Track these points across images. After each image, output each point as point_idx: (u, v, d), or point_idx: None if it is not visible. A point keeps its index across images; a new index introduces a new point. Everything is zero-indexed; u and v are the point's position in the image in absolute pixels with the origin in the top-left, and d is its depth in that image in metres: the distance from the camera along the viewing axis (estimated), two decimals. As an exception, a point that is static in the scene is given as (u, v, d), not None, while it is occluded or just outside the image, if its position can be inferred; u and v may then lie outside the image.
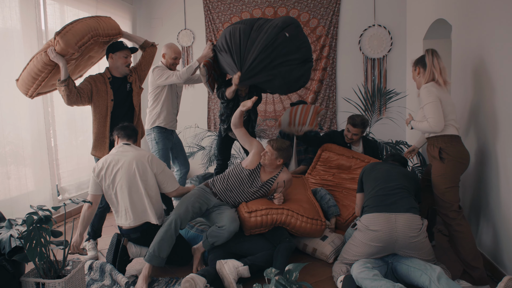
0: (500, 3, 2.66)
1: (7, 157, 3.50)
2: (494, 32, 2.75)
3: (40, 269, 2.39)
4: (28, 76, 3.06)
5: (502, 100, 2.70)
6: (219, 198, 3.12)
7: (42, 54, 2.96)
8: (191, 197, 2.99)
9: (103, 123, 3.26)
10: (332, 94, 5.63)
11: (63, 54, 2.96)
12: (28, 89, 3.15)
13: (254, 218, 2.94)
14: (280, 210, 3.01)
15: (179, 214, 2.85)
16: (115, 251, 2.93)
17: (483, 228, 3.07)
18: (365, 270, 2.42)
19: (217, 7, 5.75)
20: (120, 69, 3.32)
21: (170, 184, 3.03)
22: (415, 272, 2.46)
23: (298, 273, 1.70)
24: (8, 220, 2.32)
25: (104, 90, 3.26)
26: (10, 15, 3.49)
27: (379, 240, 2.53)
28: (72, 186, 4.29)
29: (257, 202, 3.09)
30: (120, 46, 3.32)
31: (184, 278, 2.41)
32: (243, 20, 3.53)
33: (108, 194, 2.93)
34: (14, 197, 3.52)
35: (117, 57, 3.29)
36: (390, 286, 2.26)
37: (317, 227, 3.08)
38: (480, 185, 3.07)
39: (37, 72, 3.01)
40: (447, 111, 2.75)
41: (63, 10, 4.19)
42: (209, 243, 2.89)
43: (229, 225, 2.86)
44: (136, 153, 2.93)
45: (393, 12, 5.38)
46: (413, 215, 2.56)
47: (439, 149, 2.75)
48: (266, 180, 3.14)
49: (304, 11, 5.57)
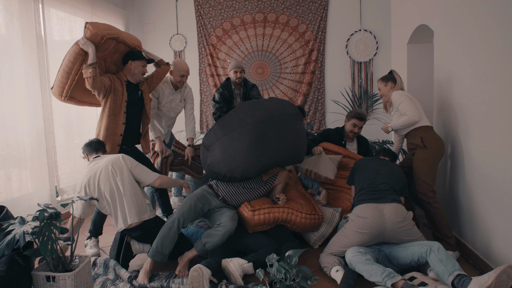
0: (478, 11, 2.89)
1: (8, 160, 3.59)
2: (472, 38, 2.98)
3: (50, 264, 2.52)
4: (62, 73, 3.28)
5: (471, 101, 3.03)
6: (222, 199, 3.23)
7: (73, 46, 3.19)
8: (194, 198, 3.13)
9: (114, 120, 3.40)
10: (320, 96, 5.84)
11: (92, 40, 3.17)
12: (62, 89, 3.33)
13: (258, 216, 3.09)
14: (281, 208, 3.17)
15: (182, 212, 2.98)
16: (119, 247, 3.06)
17: (451, 210, 3.51)
18: (359, 255, 2.61)
19: (208, 12, 5.91)
20: (136, 76, 3.50)
21: (148, 175, 3.08)
22: (413, 247, 2.63)
23: (297, 258, 1.87)
24: (20, 217, 2.43)
25: (120, 90, 3.41)
26: (11, 21, 3.59)
27: (369, 227, 2.73)
28: (70, 187, 4.39)
29: (260, 201, 3.25)
30: (140, 55, 3.52)
31: (192, 267, 2.55)
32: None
33: (102, 207, 3.03)
34: (15, 198, 3.62)
35: (136, 65, 3.47)
36: (381, 269, 2.45)
37: (315, 221, 3.28)
38: (451, 173, 3.49)
39: (69, 64, 3.22)
40: (416, 108, 3.35)
41: (60, 16, 4.30)
42: (202, 243, 2.93)
43: (227, 223, 2.95)
44: (108, 158, 3.04)
45: (378, 18, 5.63)
46: (398, 204, 2.79)
47: (421, 137, 3.28)
48: (267, 179, 3.35)
49: (293, 17, 5.78)
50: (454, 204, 3.44)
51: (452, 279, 2.33)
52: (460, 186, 3.30)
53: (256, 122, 3.23)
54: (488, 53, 2.74)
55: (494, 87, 2.68)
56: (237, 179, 3.24)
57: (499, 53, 2.59)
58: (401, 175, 3.10)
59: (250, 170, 3.19)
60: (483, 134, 2.87)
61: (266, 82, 5.95)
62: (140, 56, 3.51)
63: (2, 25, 3.51)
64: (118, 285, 2.79)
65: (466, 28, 3.08)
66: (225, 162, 3.20)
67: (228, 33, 5.93)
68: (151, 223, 3.07)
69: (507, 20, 2.49)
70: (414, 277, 2.48)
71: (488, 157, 2.82)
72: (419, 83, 4.73)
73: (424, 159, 3.24)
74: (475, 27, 2.93)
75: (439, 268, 2.42)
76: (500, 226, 2.70)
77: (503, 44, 2.54)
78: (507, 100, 2.52)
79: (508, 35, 2.49)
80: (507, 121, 2.53)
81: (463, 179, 3.22)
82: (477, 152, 2.98)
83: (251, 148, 3.17)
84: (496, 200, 2.72)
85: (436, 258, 2.45)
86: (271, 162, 3.24)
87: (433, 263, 2.46)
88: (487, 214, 2.87)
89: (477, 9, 2.88)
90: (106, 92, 3.34)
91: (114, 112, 3.40)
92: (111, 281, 2.85)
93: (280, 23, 5.82)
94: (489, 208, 2.84)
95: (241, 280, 2.69)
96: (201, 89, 6.06)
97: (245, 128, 3.21)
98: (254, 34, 5.89)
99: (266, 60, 5.92)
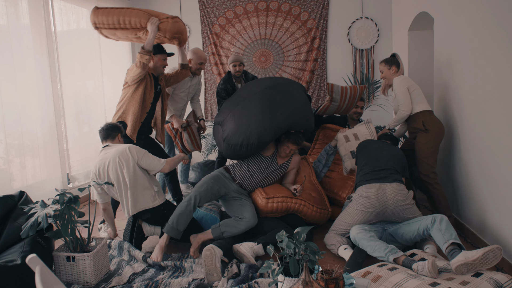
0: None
1: (22, 148, 3.72)
2: (471, 25, 3.08)
3: (70, 245, 2.67)
4: (115, 18, 3.40)
5: (469, 86, 3.14)
6: (239, 184, 3.36)
7: (140, 14, 3.38)
8: (211, 178, 3.28)
9: (142, 108, 3.58)
10: (323, 83, 5.93)
11: (161, 29, 3.41)
12: (103, 23, 3.47)
13: (271, 204, 3.23)
14: (294, 199, 3.31)
15: (199, 192, 3.14)
16: (131, 230, 3.21)
17: (450, 191, 3.69)
18: (363, 232, 2.75)
19: (211, 2, 5.98)
20: (158, 69, 3.73)
21: (156, 164, 3.21)
22: (418, 222, 2.77)
23: (305, 234, 2.00)
24: (41, 201, 2.57)
25: (149, 82, 3.61)
26: (22, 13, 3.69)
27: (372, 205, 2.87)
28: (80, 174, 4.53)
29: (274, 189, 3.38)
30: (162, 49, 3.72)
31: (205, 247, 2.69)
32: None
33: (112, 194, 3.21)
34: (30, 184, 3.76)
35: (158, 59, 3.69)
36: (384, 245, 2.59)
37: (324, 216, 3.46)
38: (449, 155, 3.66)
39: (125, 22, 3.40)
40: (416, 93, 3.54)
41: (67, 8, 4.39)
42: (221, 231, 3.07)
43: (250, 219, 3.09)
44: (116, 149, 3.16)
45: (379, 5, 5.69)
46: (400, 184, 2.94)
47: (422, 122, 3.40)
48: (282, 163, 3.49)
49: (296, 5, 5.85)
50: (452, 185, 3.59)
51: (446, 247, 2.47)
52: (457, 168, 3.44)
53: (264, 88, 3.48)
54: (486, 40, 2.84)
55: (491, 72, 2.79)
56: (254, 146, 3.36)
57: (497, 39, 2.70)
58: (402, 156, 3.23)
59: (265, 134, 3.33)
60: (479, 117, 2.99)
61: (269, 70, 6.04)
62: (162, 50, 3.70)
63: (14, 18, 3.61)
64: (133, 266, 2.94)
65: (465, 15, 3.17)
66: (240, 131, 3.36)
67: (231, 22, 6.01)
68: (160, 206, 3.21)
69: (504, 8, 2.59)
70: (414, 253, 2.62)
71: (483, 140, 2.95)
72: (420, 69, 4.83)
73: (426, 142, 3.41)
74: (474, 14, 3.02)
75: (438, 237, 2.56)
76: (493, 203, 2.86)
77: (500, 31, 2.64)
78: (503, 86, 2.63)
79: (504, 22, 2.59)
80: (501, 106, 2.65)
81: (460, 160, 3.37)
82: (472, 134, 3.12)
83: (263, 111, 3.35)
84: (491, 180, 2.87)
85: (437, 228, 2.59)
86: (284, 124, 3.39)
87: (433, 233, 2.61)
88: (482, 193, 3.02)
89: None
90: (141, 80, 3.52)
91: (144, 101, 3.58)
92: (126, 262, 3.00)
93: (283, 11, 5.89)
94: (484, 187, 2.98)
95: (254, 260, 2.84)
96: (205, 78, 6.16)
97: (254, 95, 3.45)
98: (257, 23, 5.97)
99: (269, 48, 6.00)
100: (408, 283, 2.15)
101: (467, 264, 2.27)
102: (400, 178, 3.04)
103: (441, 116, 3.74)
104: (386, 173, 3.00)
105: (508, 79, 2.56)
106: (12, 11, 3.59)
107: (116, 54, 5.40)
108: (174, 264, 2.86)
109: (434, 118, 3.49)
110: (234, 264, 2.79)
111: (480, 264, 2.27)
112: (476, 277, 2.18)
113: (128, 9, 3.42)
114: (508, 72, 2.56)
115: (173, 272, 2.82)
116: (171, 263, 2.87)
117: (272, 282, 1.88)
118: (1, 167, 3.50)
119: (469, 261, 2.27)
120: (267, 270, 1.95)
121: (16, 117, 3.63)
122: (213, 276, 2.61)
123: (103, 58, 5.01)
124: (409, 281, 2.17)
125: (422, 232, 2.71)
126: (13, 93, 3.59)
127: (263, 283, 2.44)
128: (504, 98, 2.63)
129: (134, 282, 2.70)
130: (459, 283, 2.11)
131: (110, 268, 2.90)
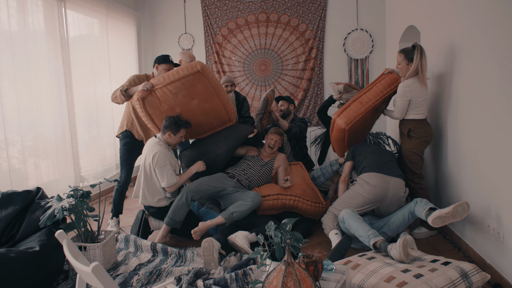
0: (459, 13, 3.26)
1: (36, 150, 4.00)
2: (453, 38, 3.35)
3: (82, 236, 2.95)
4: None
5: (456, 95, 3.34)
6: (237, 180, 3.70)
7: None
8: (206, 177, 3.61)
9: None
10: (320, 91, 6.22)
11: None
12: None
13: (267, 202, 3.53)
14: (288, 196, 3.61)
15: (189, 188, 3.45)
16: (139, 225, 3.51)
17: (436, 192, 3.85)
18: (352, 213, 3.09)
19: (214, 13, 6.30)
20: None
21: (165, 180, 3.46)
22: (401, 210, 3.17)
23: (291, 225, 2.26)
24: (57, 195, 2.86)
25: None
26: (37, 21, 3.96)
27: (374, 194, 3.22)
28: (90, 175, 4.81)
29: (269, 188, 3.68)
30: (166, 59, 3.84)
31: (204, 239, 2.96)
32: None
33: (139, 175, 3.60)
34: (44, 183, 4.04)
35: (162, 68, 3.81)
36: (368, 227, 2.90)
37: (319, 209, 3.73)
38: (437, 156, 3.82)
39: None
40: (418, 104, 3.45)
41: (80, 18, 4.70)
42: (230, 212, 3.31)
43: (255, 197, 3.39)
44: (149, 147, 3.53)
45: (374, 18, 6.00)
46: (402, 181, 3.29)
47: (409, 129, 3.52)
48: (268, 160, 3.92)
49: (294, 17, 6.16)
50: (437, 187, 3.82)
51: (425, 212, 2.90)
52: (443, 170, 3.67)
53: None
54: (469, 53, 3.06)
55: (473, 82, 2.99)
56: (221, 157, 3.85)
57: (479, 52, 2.89)
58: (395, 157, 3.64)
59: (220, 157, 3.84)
60: (466, 124, 3.20)
61: (269, 78, 6.34)
62: (166, 60, 3.83)
63: (30, 26, 3.88)
64: (140, 257, 3.21)
65: (449, 28, 3.43)
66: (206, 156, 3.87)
67: (233, 32, 6.32)
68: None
69: (485, 22, 2.86)
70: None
71: (469, 146, 3.15)
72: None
73: (409, 149, 3.52)
74: (457, 27, 3.27)
75: (419, 210, 2.98)
76: (472, 204, 3.07)
77: (481, 44, 2.87)
78: (487, 94, 2.78)
79: (484, 36, 2.85)
80: (486, 115, 2.82)
81: (446, 164, 3.55)
82: (461, 142, 3.26)
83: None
84: (471, 183, 3.09)
85: (419, 206, 3.01)
86: (230, 147, 3.84)
87: (417, 210, 3.01)
88: (462, 195, 3.25)
89: (459, 10, 3.20)
90: None
91: None
92: (133, 253, 3.28)
93: (282, 22, 6.20)
94: (464, 189, 3.21)
95: (250, 250, 3.12)
96: (208, 85, 6.46)
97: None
98: (257, 33, 6.28)
99: (268, 58, 6.31)
100: (383, 270, 2.41)
101: (442, 217, 2.73)
102: (403, 174, 3.35)
103: (431, 122, 3.86)
104: (391, 165, 3.34)
105: (492, 87, 2.70)
106: (29, 19, 3.85)
107: (124, 61, 5.72)
108: (178, 251, 3.15)
109: (423, 127, 3.49)
110: (233, 256, 3.06)
111: (452, 217, 2.73)
112: (445, 265, 2.44)
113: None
114: (492, 81, 2.70)
115: (175, 261, 3.10)
116: (175, 251, 3.17)
117: (261, 264, 2.15)
118: (17, 167, 3.77)
119: (442, 214, 2.74)
120: (257, 255, 2.22)
121: (31, 120, 3.90)
122: (211, 265, 2.88)
123: (111, 64, 5.31)
124: (384, 268, 2.44)
125: (407, 217, 3.06)
126: (28, 97, 3.85)
127: (256, 269, 2.72)
128: (490, 105, 2.72)
129: (140, 270, 2.97)
130: (428, 270, 2.37)
131: (118, 259, 3.18)
